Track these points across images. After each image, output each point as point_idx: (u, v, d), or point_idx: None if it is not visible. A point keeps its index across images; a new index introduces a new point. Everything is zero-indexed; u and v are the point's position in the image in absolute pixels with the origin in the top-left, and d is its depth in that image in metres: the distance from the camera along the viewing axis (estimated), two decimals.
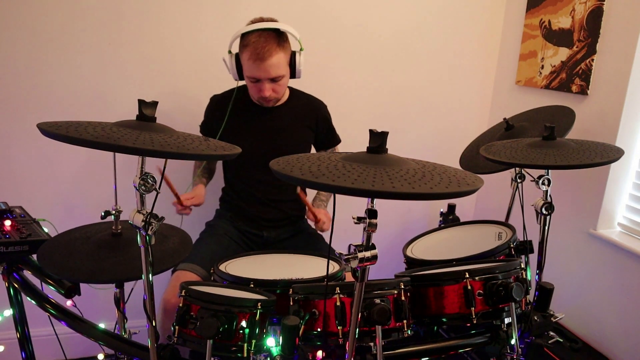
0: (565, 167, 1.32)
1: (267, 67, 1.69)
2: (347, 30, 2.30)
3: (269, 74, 1.72)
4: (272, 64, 1.70)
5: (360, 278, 1.01)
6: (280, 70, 1.73)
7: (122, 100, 2.07)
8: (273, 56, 1.69)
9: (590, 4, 1.97)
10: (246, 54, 1.70)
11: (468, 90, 2.58)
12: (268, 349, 1.23)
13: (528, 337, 1.47)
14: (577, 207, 2.06)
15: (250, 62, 1.70)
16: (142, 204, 1.04)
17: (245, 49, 1.71)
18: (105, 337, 1.34)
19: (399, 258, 1.71)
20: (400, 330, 1.24)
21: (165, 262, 1.27)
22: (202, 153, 1.00)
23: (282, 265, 1.63)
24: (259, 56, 1.68)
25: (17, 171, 2.02)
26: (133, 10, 2.00)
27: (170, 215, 1.58)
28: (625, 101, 1.85)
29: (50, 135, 0.91)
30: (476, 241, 1.68)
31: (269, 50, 1.68)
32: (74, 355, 2.08)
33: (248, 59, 1.70)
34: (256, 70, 1.71)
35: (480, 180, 0.98)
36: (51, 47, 1.94)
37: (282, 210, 1.96)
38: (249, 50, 1.69)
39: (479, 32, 2.51)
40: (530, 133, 1.80)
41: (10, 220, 1.46)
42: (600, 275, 1.97)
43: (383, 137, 1.01)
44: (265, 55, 1.68)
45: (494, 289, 1.27)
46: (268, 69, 1.70)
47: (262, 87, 1.75)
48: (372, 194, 0.89)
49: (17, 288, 1.43)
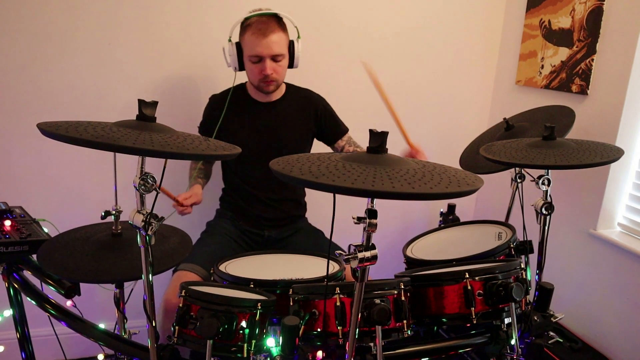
0: (565, 167, 1.31)
1: (269, 42, 1.74)
2: (348, 30, 2.30)
3: (271, 49, 1.75)
4: (274, 40, 1.74)
5: (360, 278, 1.01)
6: (281, 49, 1.78)
7: (122, 100, 2.06)
8: (275, 33, 1.75)
9: (590, 3, 1.97)
10: (248, 32, 1.75)
11: (468, 90, 2.58)
12: (268, 349, 1.23)
13: (528, 337, 1.47)
14: (577, 207, 2.06)
15: (253, 38, 1.74)
16: (142, 204, 1.04)
17: (248, 29, 1.75)
18: (105, 337, 1.34)
19: (399, 258, 1.71)
20: (400, 331, 1.24)
21: (165, 262, 1.27)
22: (202, 153, 1.00)
23: (282, 265, 1.63)
24: (261, 31, 1.72)
25: (17, 171, 2.02)
26: (133, 10, 2.00)
27: (170, 215, 1.59)
28: (625, 101, 1.85)
29: (50, 135, 0.91)
30: (476, 241, 1.67)
31: (271, 27, 1.74)
32: (74, 355, 2.08)
33: (251, 34, 1.74)
34: (258, 45, 1.74)
35: (480, 180, 0.98)
36: (51, 47, 1.94)
37: (283, 209, 1.96)
38: (251, 28, 1.74)
39: (479, 32, 2.51)
40: (530, 133, 1.79)
41: (10, 220, 1.46)
42: (600, 275, 1.97)
43: (383, 137, 1.01)
44: (268, 31, 1.73)
45: (494, 289, 1.27)
46: (270, 45, 1.74)
47: (264, 66, 1.77)
48: (372, 194, 0.89)
49: (17, 288, 1.43)
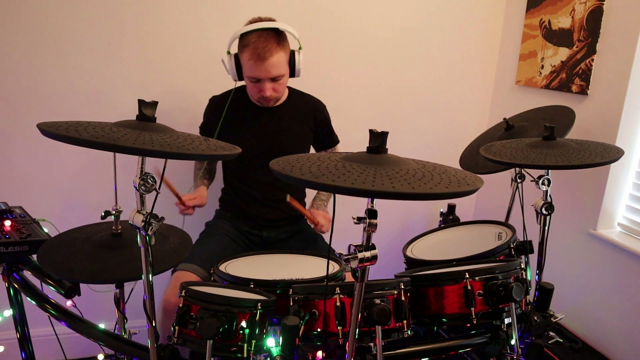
0: (566, 167, 1.31)
1: (267, 66, 1.69)
2: (347, 31, 2.30)
3: (269, 73, 1.71)
4: (273, 64, 1.69)
5: (360, 278, 1.01)
6: (280, 70, 1.73)
7: (122, 100, 2.06)
8: (273, 56, 1.69)
9: (590, 4, 1.97)
10: (246, 54, 1.70)
11: (468, 90, 2.58)
12: (268, 349, 1.23)
13: (528, 337, 1.47)
14: (577, 207, 2.06)
15: (250, 63, 1.70)
16: (142, 204, 1.04)
17: (245, 49, 1.70)
18: (105, 337, 1.33)
19: (399, 258, 1.71)
20: (400, 331, 1.24)
21: (165, 262, 1.27)
22: (202, 153, 1.00)
23: (282, 265, 1.63)
24: (259, 56, 1.67)
25: (17, 171, 2.02)
26: (133, 10, 2.00)
27: (171, 215, 1.59)
28: (625, 101, 1.85)
29: (50, 135, 0.91)
30: (476, 241, 1.67)
31: (270, 50, 1.67)
32: (74, 355, 2.08)
33: (248, 59, 1.69)
34: (257, 70, 1.70)
35: (480, 180, 0.98)
36: (51, 47, 1.94)
37: (282, 210, 1.96)
38: (249, 50, 1.69)
39: (479, 32, 2.51)
40: (530, 133, 1.79)
41: (10, 220, 1.46)
42: (600, 275, 1.97)
43: (383, 137, 1.01)
44: (266, 55, 1.67)
45: (494, 289, 1.27)
46: (269, 69, 1.70)
47: (262, 87, 1.75)
48: (372, 194, 0.89)
49: (17, 288, 1.43)
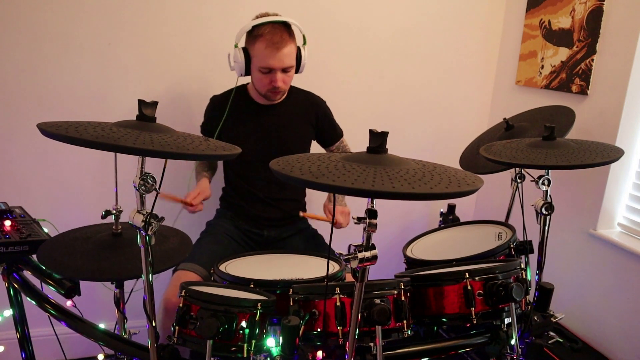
0: (566, 167, 1.31)
1: (281, 56, 1.73)
2: (348, 31, 2.30)
3: (282, 63, 1.74)
4: (286, 54, 1.74)
5: (360, 278, 1.01)
6: (292, 61, 1.78)
7: (122, 100, 2.06)
8: (287, 46, 1.74)
9: (590, 4, 1.97)
10: (260, 44, 1.72)
11: (468, 90, 2.58)
12: (268, 349, 1.23)
13: (528, 337, 1.47)
14: (577, 207, 2.06)
15: (266, 52, 1.72)
16: (142, 204, 1.04)
17: (259, 39, 1.73)
18: (105, 337, 1.33)
19: (399, 258, 1.71)
20: (400, 331, 1.24)
21: (165, 262, 1.27)
22: (202, 153, 1.00)
23: (282, 265, 1.63)
24: (275, 45, 1.71)
25: (17, 171, 2.02)
26: (133, 10, 2.00)
27: (170, 215, 1.59)
28: (625, 101, 1.85)
29: (50, 135, 0.91)
30: (476, 241, 1.67)
31: (284, 40, 1.73)
32: (74, 355, 2.08)
33: (265, 48, 1.72)
34: (271, 59, 1.73)
35: (480, 180, 0.98)
36: (51, 47, 1.94)
37: (283, 209, 1.96)
38: (264, 40, 1.72)
39: (479, 32, 2.51)
40: (530, 133, 1.79)
41: (10, 220, 1.46)
42: (600, 275, 1.97)
43: (383, 137, 1.01)
44: (281, 45, 1.72)
45: (494, 289, 1.26)
46: (282, 58, 1.74)
47: (274, 78, 1.77)
48: (372, 194, 0.89)
49: (17, 288, 1.43)
